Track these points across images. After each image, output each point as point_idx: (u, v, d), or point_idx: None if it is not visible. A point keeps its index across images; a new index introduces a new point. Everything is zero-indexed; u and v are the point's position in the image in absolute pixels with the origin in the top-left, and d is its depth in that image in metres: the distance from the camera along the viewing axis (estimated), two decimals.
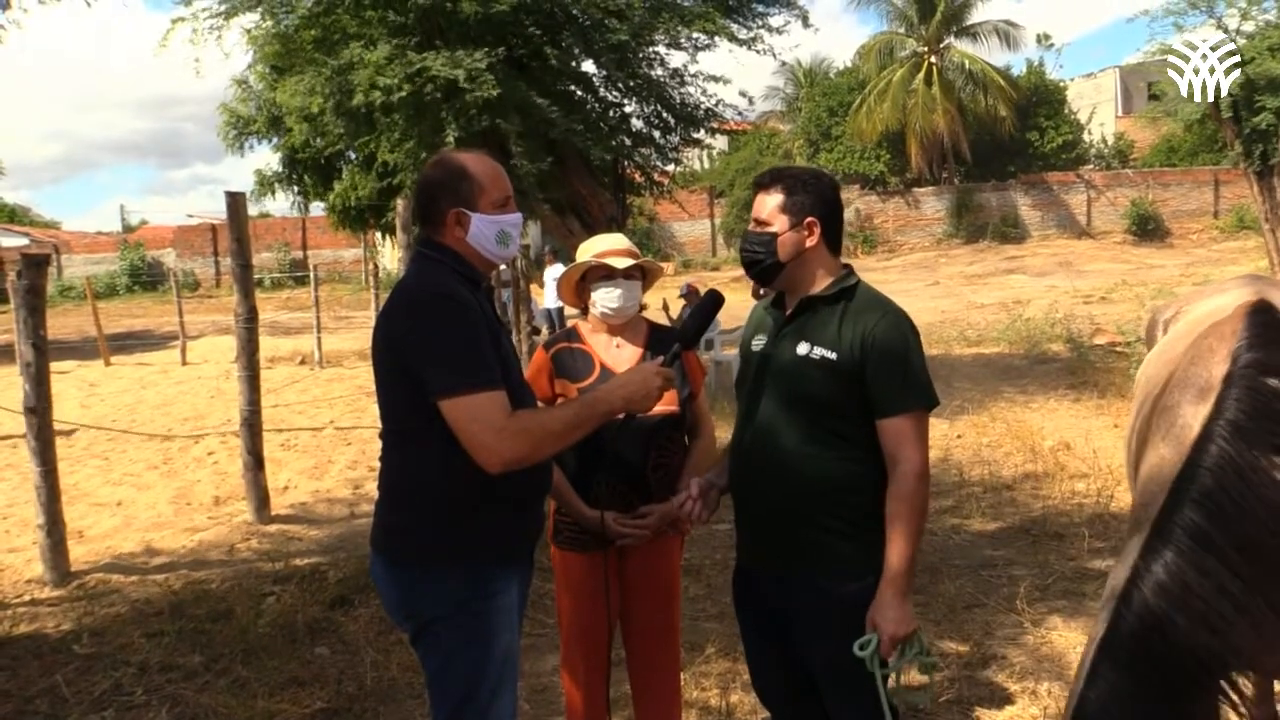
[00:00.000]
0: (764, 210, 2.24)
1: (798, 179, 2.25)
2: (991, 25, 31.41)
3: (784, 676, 2.34)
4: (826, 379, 2.13)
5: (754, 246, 2.24)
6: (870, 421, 2.14)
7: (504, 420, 1.93)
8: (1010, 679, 3.55)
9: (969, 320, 15.95)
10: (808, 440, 2.15)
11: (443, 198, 2.11)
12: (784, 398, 2.20)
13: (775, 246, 2.21)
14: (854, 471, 2.15)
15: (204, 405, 11.20)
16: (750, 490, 2.28)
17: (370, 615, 4.24)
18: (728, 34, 9.04)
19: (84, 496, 6.86)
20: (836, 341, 2.14)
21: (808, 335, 2.19)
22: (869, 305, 2.20)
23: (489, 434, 1.92)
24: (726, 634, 3.94)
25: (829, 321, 2.18)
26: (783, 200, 2.21)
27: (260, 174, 12.60)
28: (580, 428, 2.04)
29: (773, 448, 2.20)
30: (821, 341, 2.16)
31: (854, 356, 2.12)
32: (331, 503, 6.57)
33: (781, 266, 2.23)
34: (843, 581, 2.14)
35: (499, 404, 1.94)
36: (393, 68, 7.80)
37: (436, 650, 2.09)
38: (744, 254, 2.29)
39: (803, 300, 2.23)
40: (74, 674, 3.78)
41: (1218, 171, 30.03)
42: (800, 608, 2.20)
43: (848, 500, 2.15)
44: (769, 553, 2.25)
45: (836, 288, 2.22)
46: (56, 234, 39.32)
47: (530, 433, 1.97)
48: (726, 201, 31.98)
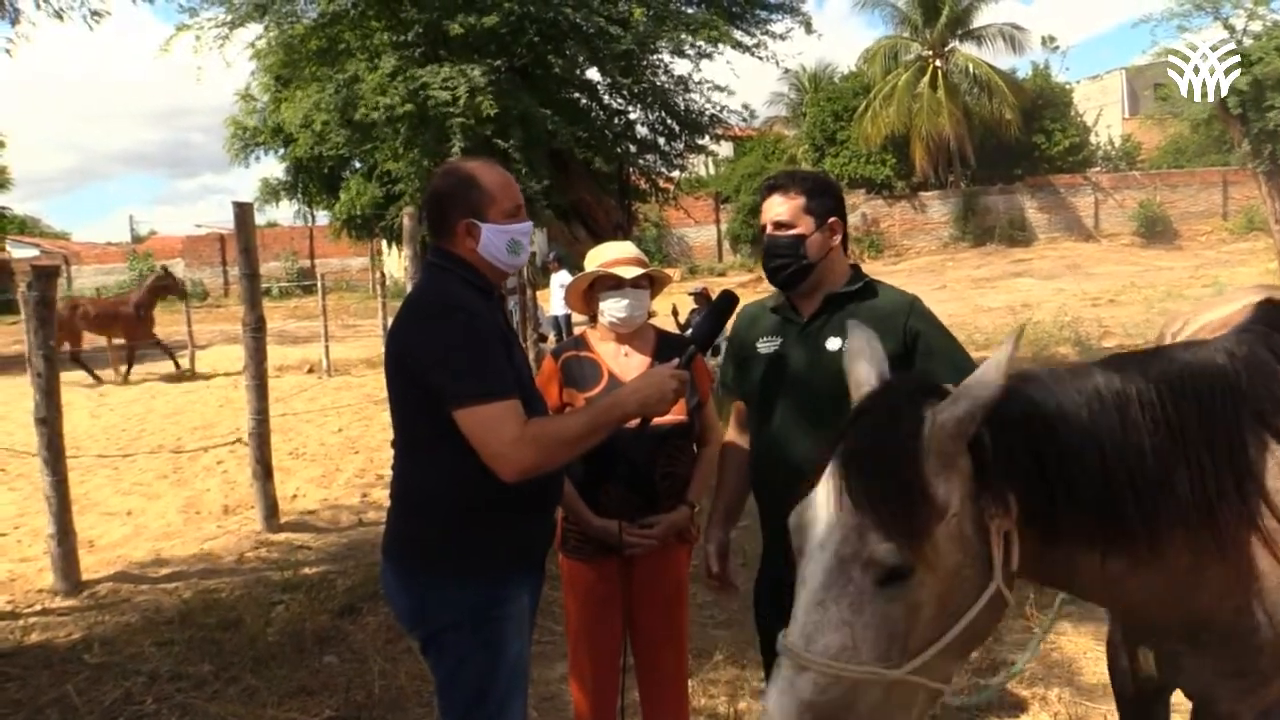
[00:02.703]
0: (786, 213, 2.23)
1: (814, 180, 2.26)
2: (996, 28, 31.41)
3: None
4: None
5: (782, 250, 2.22)
6: None
7: (518, 429, 1.93)
8: (1020, 685, 3.54)
9: (976, 324, 15.88)
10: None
11: (453, 209, 2.11)
12: (808, 398, 2.18)
13: (804, 249, 2.20)
14: None
15: (213, 414, 11.24)
16: (780, 495, 2.27)
17: (378, 624, 4.24)
18: (731, 41, 9.06)
19: (94, 506, 6.88)
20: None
21: (837, 330, 2.17)
22: (894, 295, 2.26)
23: (504, 444, 1.92)
24: (734, 641, 3.94)
25: (860, 315, 2.17)
26: (805, 202, 2.22)
27: (265, 181, 12.71)
28: (595, 434, 2.03)
29: (798, 451, 2.17)
30: None
31: (897, 341, 2.13)
32: (340, 511, 6.58)
33: (811, 268, 2.22)
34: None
35: (513, 413, 1.94)
36: (395, 85, 7.86)
37: (446, 658, 2.09)
38: (771, 259, 2.26)
39: (828, 297, 2.23)
40: (85, 683, 3.79)
41: (1226, 172, 29.89)
42: None
43: None
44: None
45: (859, 283, 2.25)
46: (66, 245, 39.53)
47: (545, 441, 1.96)
48: (732, 207, 31.99)
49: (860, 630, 1.42)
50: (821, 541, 1.48)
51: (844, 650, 1.42)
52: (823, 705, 1.43)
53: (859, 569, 1.43)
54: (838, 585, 1.44)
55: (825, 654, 1.42)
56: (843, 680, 1.42)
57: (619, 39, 8.33)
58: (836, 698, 1.42)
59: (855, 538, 1.44)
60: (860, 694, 1.43)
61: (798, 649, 1.44)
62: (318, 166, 11.52)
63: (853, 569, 1.44)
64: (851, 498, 1.46)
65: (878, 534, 1.42)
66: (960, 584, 1.47)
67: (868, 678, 1.42)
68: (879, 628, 1.43)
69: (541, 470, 1.98)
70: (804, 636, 1.45)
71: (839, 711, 1.43)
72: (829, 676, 1.42)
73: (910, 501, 1.42)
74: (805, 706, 1.42)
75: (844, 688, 1.42)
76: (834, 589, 1.44)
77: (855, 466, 1.48)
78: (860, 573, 1.43)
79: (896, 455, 1.45)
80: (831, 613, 1.44)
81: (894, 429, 1.48)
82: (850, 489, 1.46)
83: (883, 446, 1.47)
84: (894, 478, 1.43)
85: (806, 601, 1.47)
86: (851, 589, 1.43)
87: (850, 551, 1.44)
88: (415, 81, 7.86)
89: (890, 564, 1.41)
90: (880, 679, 1.43)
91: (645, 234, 26.48)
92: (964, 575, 1.47)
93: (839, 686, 1.42)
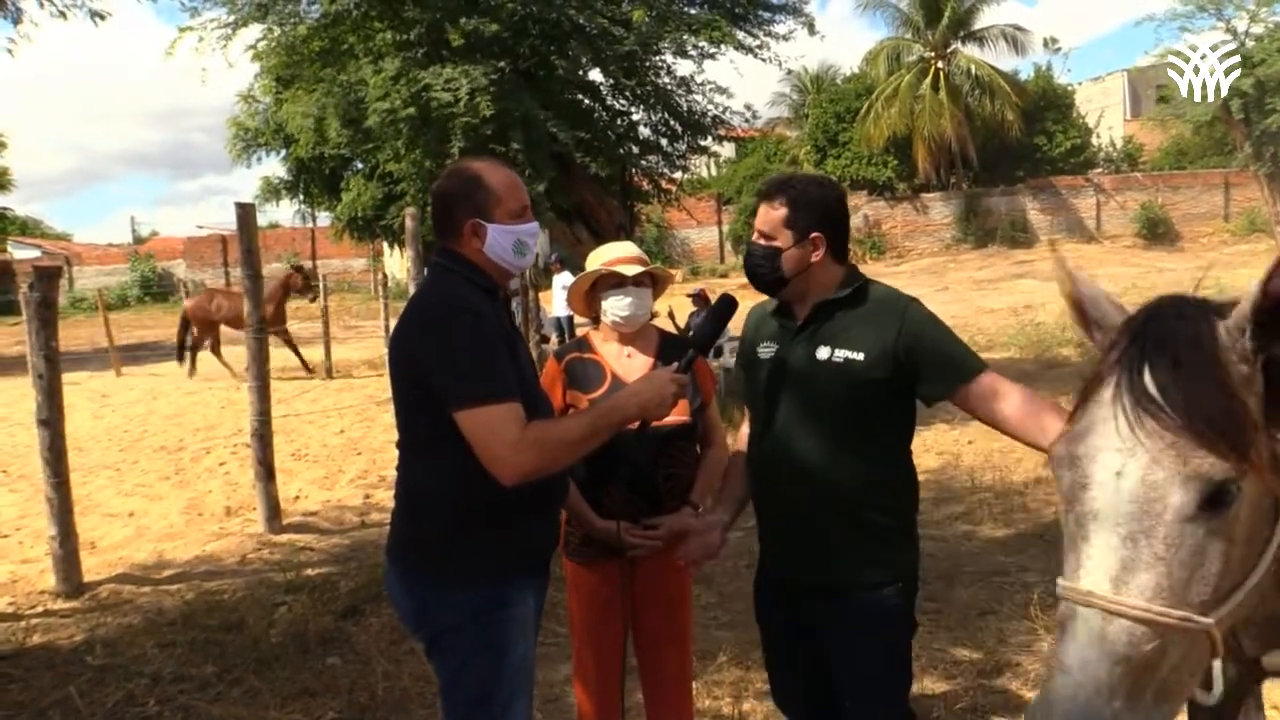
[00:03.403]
0: (767, 224, 2.21)
1: (802, 192, 2.21)
2: (998, 30, 31.40)
3: (807, 687, 2.32)
4: (850, 382, 2.11)
5: (758, 260, 2.22)
6: (895, 424, 2.13)
7: (519, 433, 1.92)
8: (1025, 687, 3.52)
9: (979, 325, 15.87)
10: (832, 445, 2.14)
11: (459, 209, 2.10)
12: (805, 404, 2.18)
13: (780, 262, 2.19)
14: (882, 474, 2.14)
15: (215, 415, 11.24)
16: (776, 500, 2.26)
17: (382, 625, 4.24)
18: (734, 42, 9.07)
19: (96, 508, 6.88)
20: (860, 341, 2.12)
21: (826, 339, 2.16)
22: (885, 300, 2.20)
23: (504, 447, 1.91)
24: (738, 642, 3.93)
25: (849, 324, 2.16)
26: (786, 215, 2.19)
27: (267, 180, 12.73)
28: (595, 437, 2.02)
29: (797, 455, 2.18)
30: (843, 344, 2.14)
31: (886, 353, 2.10)
32: (342, 512, 6.57)
33: (786, 281, 2.21)
34: (874, 586, 2.13)
35: (514, 416, 1.93)
36: (398, 87, 7.87)
37: (450, 660, 2.09)
38: (748, 266, 2.27)
39: (817, 305, 2.21)
40: (87, 685, 3.78)
41: (1228, 174, 29.87)
42: (829, 615, 2.18)
43: (878, 502, 2.14)
44: (797, 561, 2.23)
45: (849, 288, 2.21)
46: (68, 246, 39.58)
47: (544, 444, 1.95)
48: (734, 208, 32.00)
49: (1176, 569, 1.25)
50: (1119, 469, 1.30)
51: (1160, 593, 1.24)
52: (1137, 661, 1.23)
53: (1178, 494, 1.26)
54: (1150, 515, 1.26)
55: (1142, 596, 1.24)
56: (1155, 629, 1.23)
57: (622, 40, 8.34)
58: (1149, 652, 1.23)
59: (1170, 458, 1.27)
60: (1169, 647, 1.25)
61: (1104, 592, 1.25)
62: (319, 167, 11.54)
63: (1170, 495, 1.26)
64: (1164, 414, 1.28)
65: (1202, 450, 1.25)
66: (1261, 516, 1.31)
67: (1184, 625, 1.24)
68: (1194, 566, 1.26)
69: (541, 474, 1.97)
70: (1110, 578, 1.26)
71: (1147, 671, 1.24)
72: (1145, 625, 1.23)
73: (1234, 410, 1.26)
74: (1119, 662, 1.22)
75: (1156, 639, 1.23)
76: (1145, 520, 1.26)
77: (1166, 379, 1.30)
78: (1180, 498, 1.26)
79: (1211, 363, 1.29)
80: (1143, 548, 1.26)
81: (1198, 336, 1.32)
82: (1162, 404, 1.28)
83: (1195, 355, 1.30)
84: (1215, 386, 1.27)
85: (1105, 537, 1.29)
86: (1169, 518, 1.26)
87: (1164, 475, 1.27)
88: (417, 83, 7.86)
89: (1219, 480, 1.25)
90: (1198, 627, 1.24)
91: (647, 235, 26.50)
92: (1263, 506, 1.31)
93: (1153, 637, 1.23)
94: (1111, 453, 1.31)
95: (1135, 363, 1.34)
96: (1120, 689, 1.22)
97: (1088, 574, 1.29)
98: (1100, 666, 1.22)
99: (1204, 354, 1.30)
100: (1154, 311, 1.42)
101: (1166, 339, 1.34)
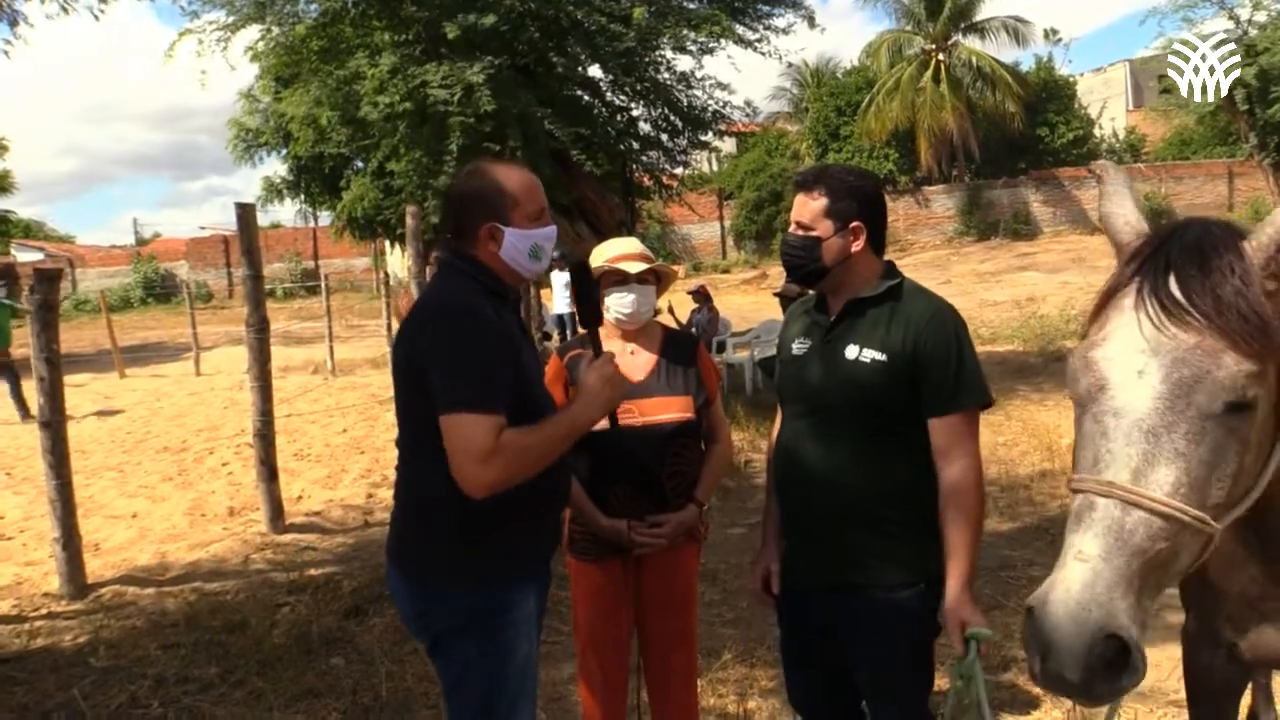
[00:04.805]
0: (806, 214, 2.18)
1: (841, 181, 2.19)
2: (999, 21, 31.29)
3: (825, 686, 2.30)
4: (877, 381, 2.09)
5: (797, 251, 2.19)
6: (922, 424, 2.10)
7: (489, 446, 1.87)
8: (1032, 682, 3.50)
9: (982, 318, 15.83)
10: (860, 444, 2.12)
11: (477, 211, 2.07)
12: (833, 402, 2.15)
13: (820, 252, 2.16)
14: (907, 475, 2.11)
15: (218, 416, 11.24)
16: (802, 498, 2.24)
17: (385, 625, 4.22)
18: (734, 36, 9.03)
19: (99, 509, 6.88)
20: (887, 342, 2.10)
21: (856, 338, 2.14)
22: (917, 303, 2.16)
23: (469, 460, 1.88)
24: (743, 640, 3.91)
25: (878, 322, 2.14)
26: (827, 204, 2.16)
27: (268, 180, 12.74)
28: (559, 447, 2.02)
29: (821, 453, 2.16)
30: (871, 343, 2.11)
31: (906, 355, 2.08)
32: (345, 512, 6.56)
33: (826, 271, 2.18)
34: (896, 588, 2.10)
35: (488, 429, 1.88)
36: (395, 83, 7.85)
37: (454, 662, 2.07)
38: (786, 258, 2.23)
39: (849, 302, 2.19)
40: (91, 687, 3.78)
41: (1231, 164, 29.76)
42: (851, 615, 2.15)
43: (902, 504, 2.11)
44: (821, 560, 2.20)
45: (883, 287, 2.18)
46: (71, 248, 39.65)
47: (508, 458, 1.90)
48: (735, 203, 31.93)
49: (1196, 466, 1.25)
50: (1141, 369, 1.31)
51: (1179, 488, 1.24)
52: (1152, 557, 1.23)
53: (1204, 394, 1.26)
54: (1174, 412, 1.26)
55: (1162, 491, 1.24)
56: (1172, 525, 1.23)
57: (621, 36, 8.31)
58: (1165, 549, 1.24)
59: (1197, 358, 1.28)
60: (1183, 545, 1.25)
61: (1124, 483, 1.25)
62: (319, 166, 11.53)
63: (1196, 394, 1.26)
64: (1191, 315, 1.30)
65: (1233, 351, 1.26)
66: (1274, 424, 1.33)
67: (1196, 525, 1.24)
68: (1213, 465, 1.26)
69: (506, 486, 1.92)
70: (1131, 470, 1.26)
71: (1160, 568, 1.24)
72: (1162, 519, 1.23)
73: (1262, 314, 1.27)
74: (1135, 555, 1.22)
75: (1172, 534, 1.24)
76: (1168, 415, 1.26)
77: (1193, 282, 1.31)
78: (1206, 397, 1.26)
79: (1238, 269, 1.31)
80: (1165, 443, 1.25)
81: (1225, 244, 1.35)
82: (1188, 306, 1.30)
83: (1222, 260, 1.32)
84: (1243, 288, 1.29)
85: (1128, 431, 1.28)
86: (1192, 414, 1.26)
87: (1190, 374, 1.27)
88: (415, 80, 7.84)
89: (1245, 378, 1.27)
90: (1209, 530, 1.25)
91: (649, 231, 26.45)
92: (1274, 415, 1.34)
93: (1169, 533, 1.24)
94: (1134, 354, 1.33)
95: (1160, 270, 1.36)
96: (1134, 583, 1.23)
97: (1107, 466, 1.29)
98: (1119, 561, 1.22)
99: (1231, 260, 1.32)
100: (1179, 226, 1.44)
101: (1193, 246, 1.36)
